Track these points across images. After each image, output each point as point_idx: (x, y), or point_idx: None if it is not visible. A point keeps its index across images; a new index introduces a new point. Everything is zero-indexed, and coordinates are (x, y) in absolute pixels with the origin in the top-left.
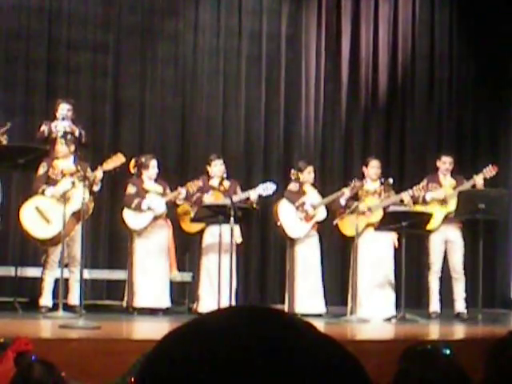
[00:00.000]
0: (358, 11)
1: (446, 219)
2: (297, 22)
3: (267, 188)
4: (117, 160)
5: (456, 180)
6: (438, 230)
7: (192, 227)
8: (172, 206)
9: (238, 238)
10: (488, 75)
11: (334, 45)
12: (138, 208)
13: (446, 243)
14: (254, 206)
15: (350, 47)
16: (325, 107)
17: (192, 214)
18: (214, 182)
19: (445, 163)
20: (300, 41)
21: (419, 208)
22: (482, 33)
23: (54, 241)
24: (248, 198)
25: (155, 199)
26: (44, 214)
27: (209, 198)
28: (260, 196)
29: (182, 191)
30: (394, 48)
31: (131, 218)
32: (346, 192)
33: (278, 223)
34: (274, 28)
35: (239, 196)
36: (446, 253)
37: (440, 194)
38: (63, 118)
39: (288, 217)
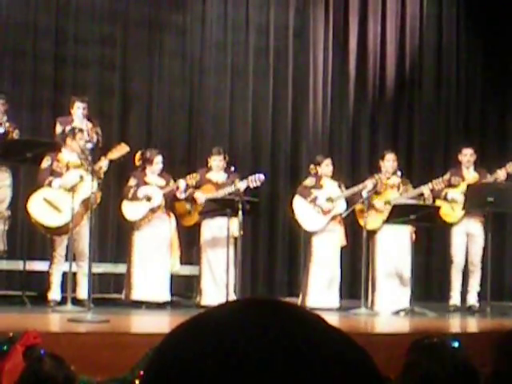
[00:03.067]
0: (366, 4)
1: (468, 212)
2: (304, 16)
3: (256, 179)
4: (121, 149)
5: (479, 173)
6: (460, 222)
7: (188, 221)
8: (173, 200)
9: (236, 232)
10: (495, 68)
11: (342, 38)
12: (135, 197)
13: (468, 236)
14: (250, 198)
15: (357, 40)
16: (332, 100)
17: (188, 209)
18: (212, 176)
19: (465, 155)
20: (307, 34)
21: (439, 203)
22: (490, 25)
23: (65, 229)
24: (238, 190)
25: (153, 190)
26: (53, 204)
27: (200, 192)
28: (248, 188)
29: (181, 183)
30: (401, 41)
31: (128, 210)
32: (369, 185)
33: (295, 217)
34: (281, 21)
35: (229, 188)
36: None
37: (460, 197)
38: (81, 120)
39: (304, 211)
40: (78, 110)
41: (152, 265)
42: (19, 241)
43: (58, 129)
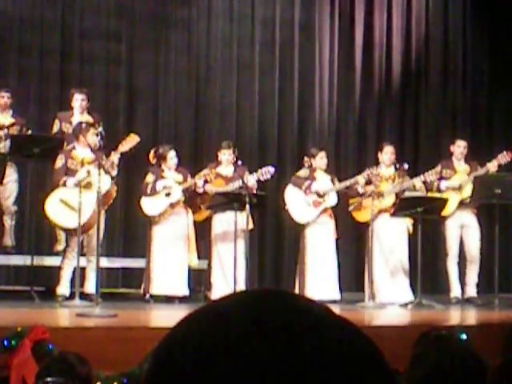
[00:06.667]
0: None
1: (461, 204)
2: (310, 8)
3: (266, 172)
4: (131, 140)
5: (470, 166)
6: (453, 215)
7: (200, 215)
8: (192, 194)
9: (249, 225)
10: (502, 60)
11: (348, 30)
12: (154, 191)
13: (462, 228)
14: (255, 191)
15: (363, 33)
16: (339, 93)
17: (198, 204)
18: (222, 170)
19: (459, 147)
20: (313, 27)
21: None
22: (496, 16)
23: (85, 227)
24: (246, 184)
25: (171, 184)
26: (70, 205)
27: (209, 187)
28: (259, 181)
29: (198, 180)
30: (407, 33)
31: (147, 205)
32: (360, 180)
33: (286, 207)
34: (287, 14)
35: (238, 182)
36: (462, 238)
37: (455, 183)
38: (80, 112)
39: (295, 202)
40: (77, 101)
41: (171, 259)
42: (27, 236)
43: (56, 125)
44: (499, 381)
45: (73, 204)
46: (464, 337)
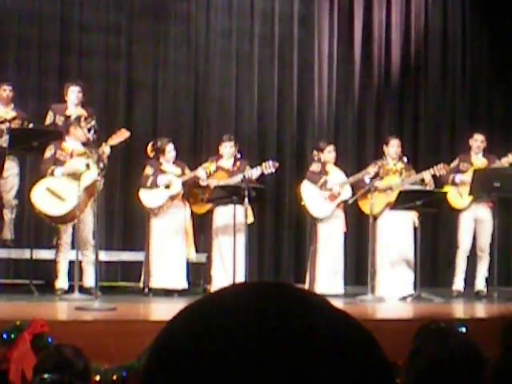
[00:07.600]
0: None
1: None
2: (309, 3)
3: (270, 166)
4: (121, 135)
5: (488, 159)
6: (469, 208)
7: (201, 208)
8: (191, 187)
9: (249, 218)
10: (501, 53)
11: (347, 25)
12: (154, 184)
13: (476, 222)
14: (256, 185)
15: (362, 27)
16: (338, 87)
17: (201, 197)
18: (223, 163)
19: (476, 141)
20: (312, 21)
21: (447, 189)
22: (495, 10)
23: (70, 216)
24: (250, 177)
25: (171, 178)
26: (56, 193)
27: (212, 180)
28: (263, 174)
29: (200, 173)
30: (406, 28)
31: (147, 197)
32: (371, 170)
33: (302, 203)
34: (286, 8)
35: (240, 176)
36: (475, 231)
37: (469, 178)
38: (75, 104)
39: (312, 197)
40: (72, 93)
41: (170, 252)
42: (26, 229)
43: (49, 117)
44: (498, 374)
45: (59, 193)
46: (463, 330)
